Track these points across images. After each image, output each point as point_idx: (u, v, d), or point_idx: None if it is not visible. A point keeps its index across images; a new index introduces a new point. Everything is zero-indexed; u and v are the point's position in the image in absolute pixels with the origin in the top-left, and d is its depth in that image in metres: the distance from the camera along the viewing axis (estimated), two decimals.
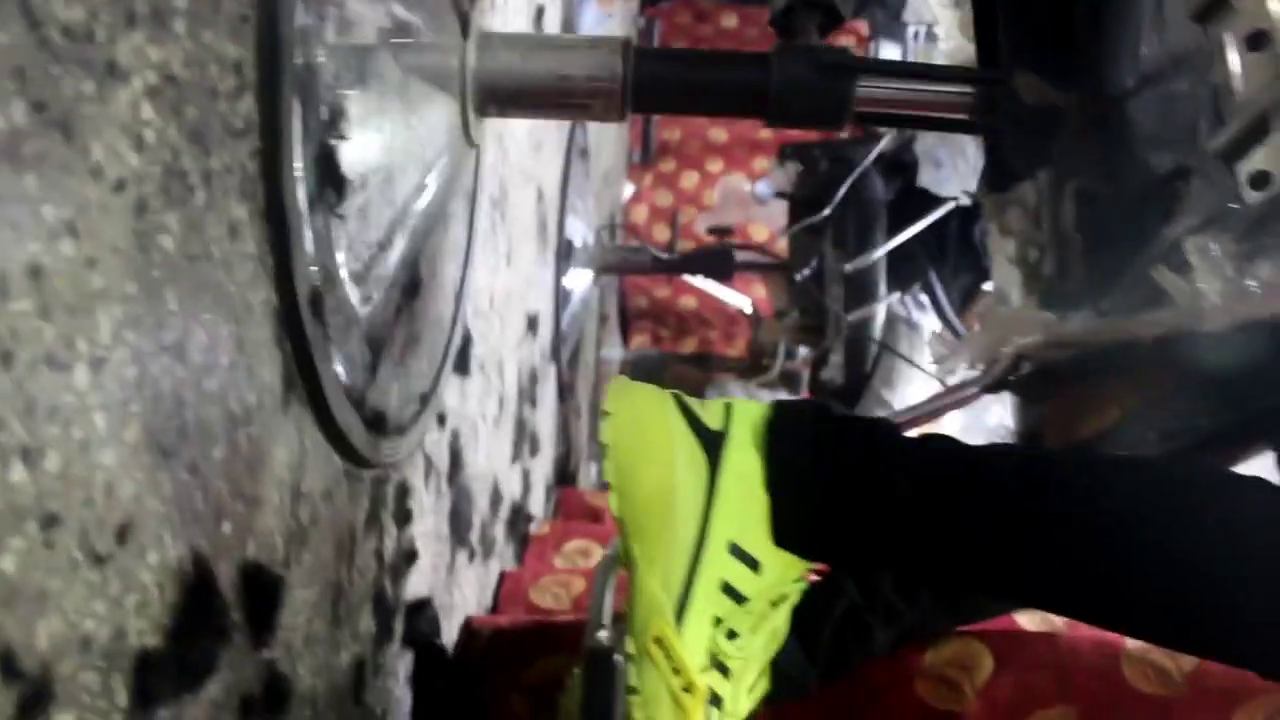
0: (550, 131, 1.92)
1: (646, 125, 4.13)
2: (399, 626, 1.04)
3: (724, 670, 0.72)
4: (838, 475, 0.73)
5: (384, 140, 0.80)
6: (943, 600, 1.05)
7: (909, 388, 2.29)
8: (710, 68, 0.89)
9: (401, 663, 1.06)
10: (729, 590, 0.72)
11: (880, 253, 2.19)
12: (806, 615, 0.96)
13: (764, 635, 0.75)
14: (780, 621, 0.76)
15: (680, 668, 0.70)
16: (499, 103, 0.90)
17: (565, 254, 2.17)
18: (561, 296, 2.11)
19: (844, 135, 2.36)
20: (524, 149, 1.63)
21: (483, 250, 1.36)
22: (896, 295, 2.24)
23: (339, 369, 0.78)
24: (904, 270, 2.21)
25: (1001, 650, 1.15)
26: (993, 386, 0.86)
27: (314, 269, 0.72)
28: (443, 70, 0.85)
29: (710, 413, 0.76)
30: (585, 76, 0.88)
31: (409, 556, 1.07)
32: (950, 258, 2.25)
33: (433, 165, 0.88)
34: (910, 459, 0.74)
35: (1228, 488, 0.71)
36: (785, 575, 0.74)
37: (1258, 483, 0.71)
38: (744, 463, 0.73)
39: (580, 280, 2.35)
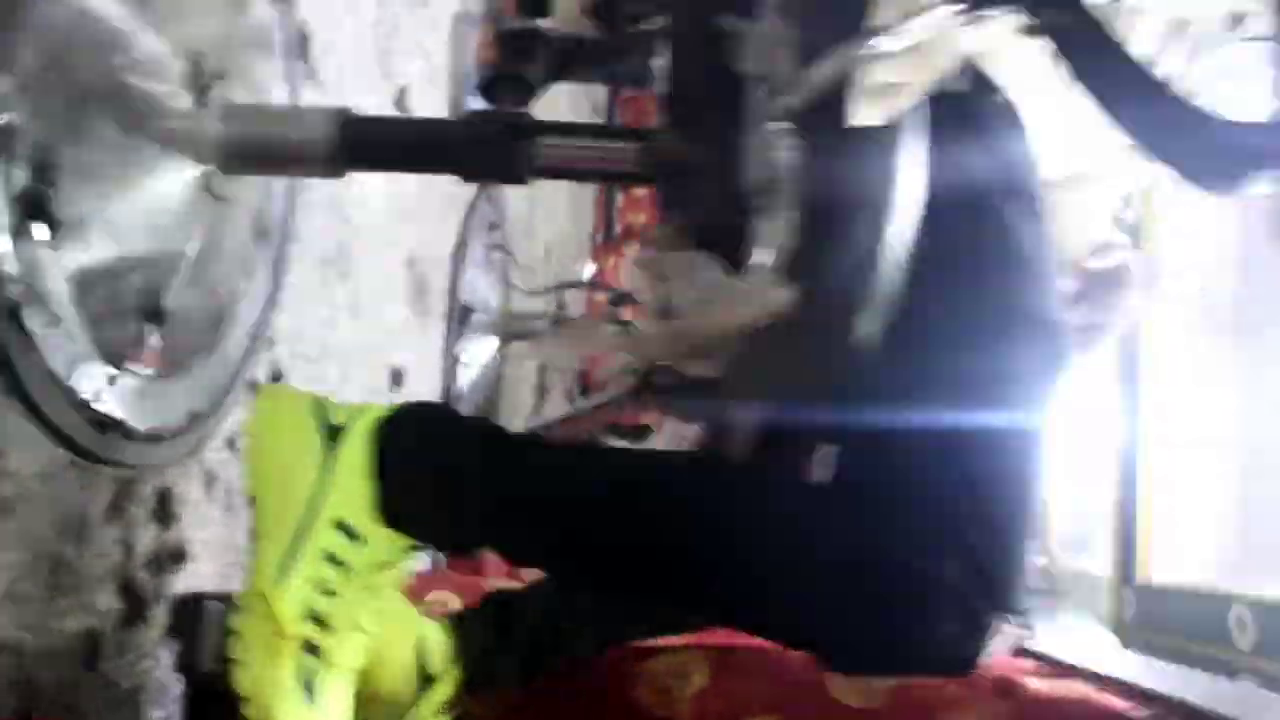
0: (431, 203, 2.11)
1: (609, 207, 4.34)
2: (159, 615, 1.18)
3: (323, 624, 0.86)
4: (433, 465, 0.89)
5: (105, 189, 0.98)
6: (637, 611, 1.18)
7: None
8: (411, 130, 1.07)
9: (167, 650, 1.20)
10: (331, 558, 0.87)
11: None
12: (505, 614, 1.10)
13: (371, 600, 0.89)
14: (393, 597, 0.91)
15: (275, 618, 0.84)
16: (239, 162, 1.08)
17: (461, 318, 2.34)
18: (452, 357, 2.28)
19: None
20: (381, 216, 1.82)
21: (306, 301, 1.53)
22: None
23: (57, 369, 0.95)
24: None
25: (717, 661, 1.27)
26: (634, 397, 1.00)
27: (16, 287, 0.89)
28: (172, 133, 1.03)
29: (340, 412, 0.91)
30: (301, 140, 1.06)
31: (175, 556, 1.22)
32: None
33: (172, 213, 1.06)
34: (504, 454, 0.90)
35: (749, 488, 0.85)
36: (389, 548, 0.89)
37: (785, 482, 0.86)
38: (355, 453, 0.89)
39: (484, 344, 2.52)
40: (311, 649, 0.85)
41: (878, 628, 0.80)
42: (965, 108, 0.82)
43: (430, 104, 1.95)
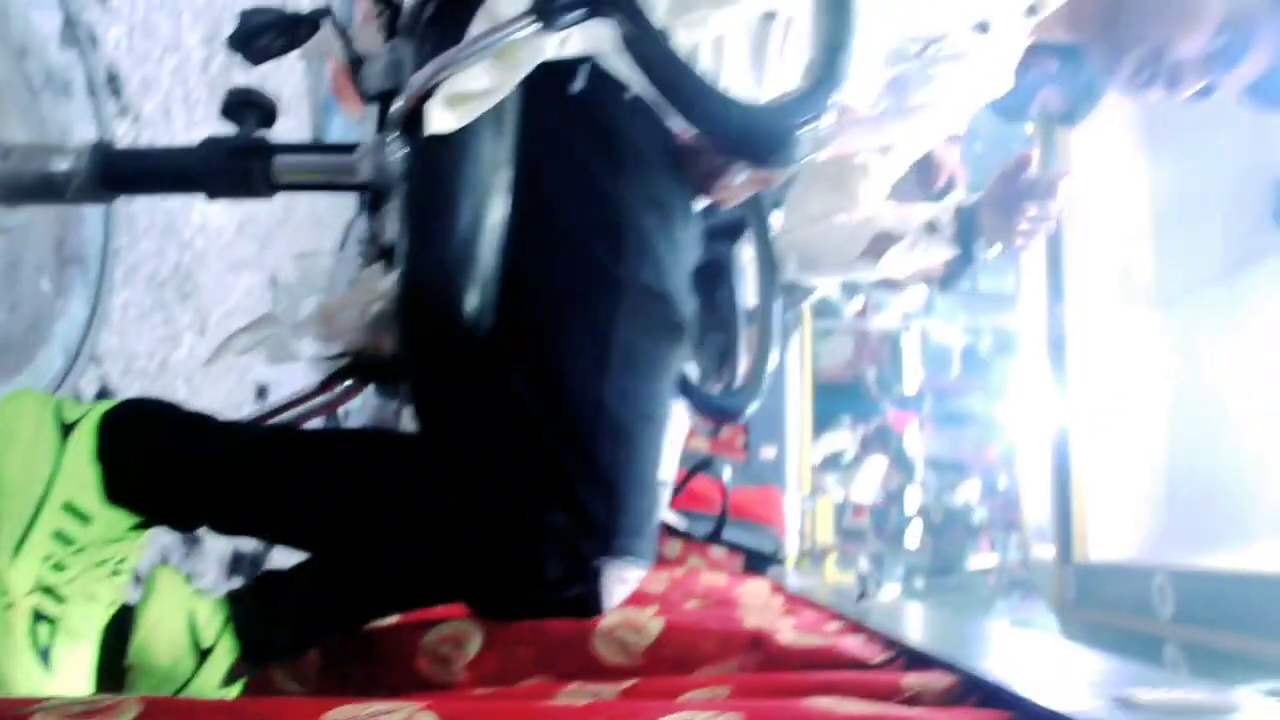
0: (299, 224, 2.23)
1: None
2: None
3: (56, 596, 0.98)
4: (150, 449, 1.01)
5: None
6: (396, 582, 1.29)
7: None
8: (159, 158, 1.19)
9: None
10: (60, 536, 0.99)
11: None
12: (275, 588, 1.22)
13: (103, 574, 1.01)
14: (125, 570, 1.02)
15: (5, 590, 0.96)
16: (10, 195, 1.20)
17: None
18: None
19: None
20: (229, 238, 1.94)
21: (140, 321, 1.65)
22: None
23: None
24: None
25: (490, 629, 1.38)
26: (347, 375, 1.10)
27: None
28: None
29: (74, 410, 1.03)
30: (63, 172, 1.18)
31: None
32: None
33: None
34: (209, 438, 1.02)
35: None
36: (115, 526, 1.01)
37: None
38: (83, 443, 1.00)
39: None
40: (44, 618, 0.97)
41: (497, 574, 0.92)
42: (575, 104, 0.94)
43: (290, 131, 2.08)
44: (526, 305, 0.92)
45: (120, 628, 1.05)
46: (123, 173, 1.19)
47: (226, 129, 1.16)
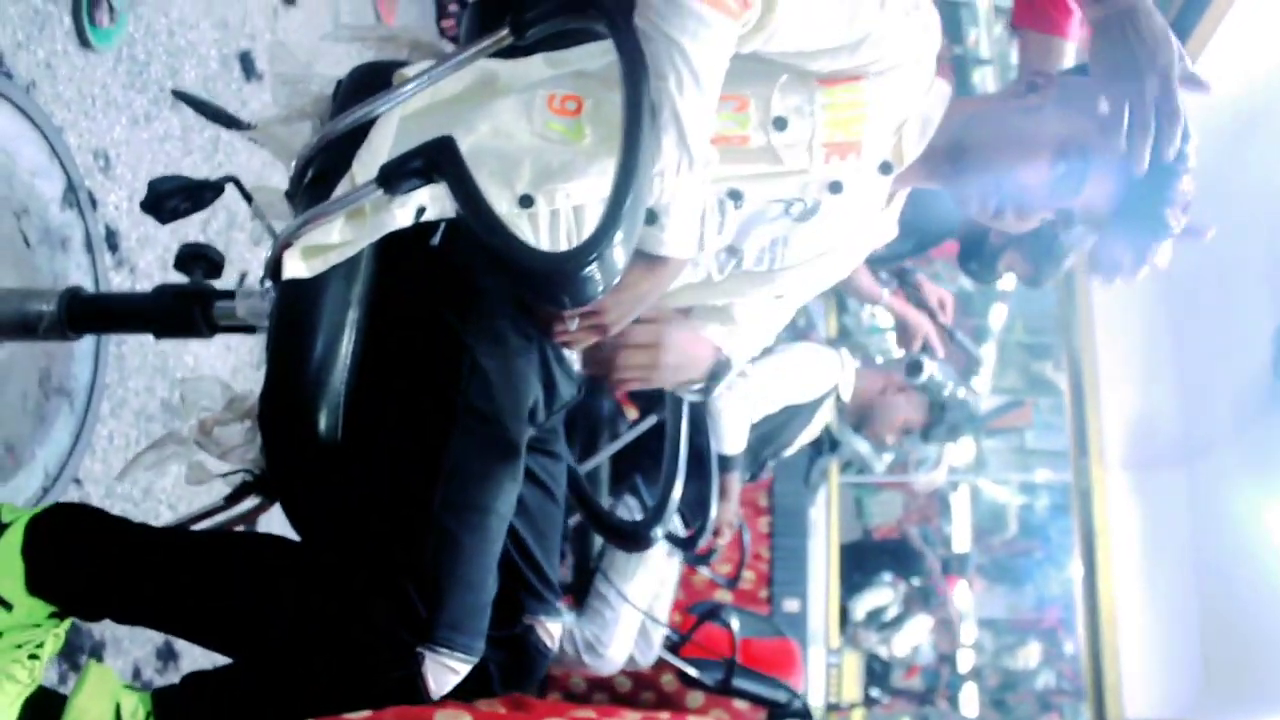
0: None
1: None
2: None
3: None
4: (66, 549, 1.16)
5: None
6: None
7: (629, 583, 2.63)
8: (117, 302, 1.39)
9: None
10: None
11: (602, 458, 2.60)
12: (198, 686, 1.34)
13: (22, 655, 1.15)
14: (44, 654, 1.17)
15: None
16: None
17: None
18: None
19: None
20: (219, 373, 2.14)
21: (125, 451, 1.84)
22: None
23: None
24: (621, 477, 2.61)
25: None
26: None
27: None
28: None
29: (10, 513, 1.20)
30: (37, 313, 1.39)
31: None
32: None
33: None
34: (119, 541, 1.17)
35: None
36: (34, 614, 1.15)
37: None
38: (13, 540, 1.16)
39: None
40: None
41: (331, 666, 1.05)
42: (434, 253, 1.11)
43: None
44: (372, 424, 1.07)
45: (39, 708, 1.19)
46: (86, 315, 1.39)
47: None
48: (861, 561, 6.87)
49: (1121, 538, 4.40)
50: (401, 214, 1.08)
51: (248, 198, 1.17)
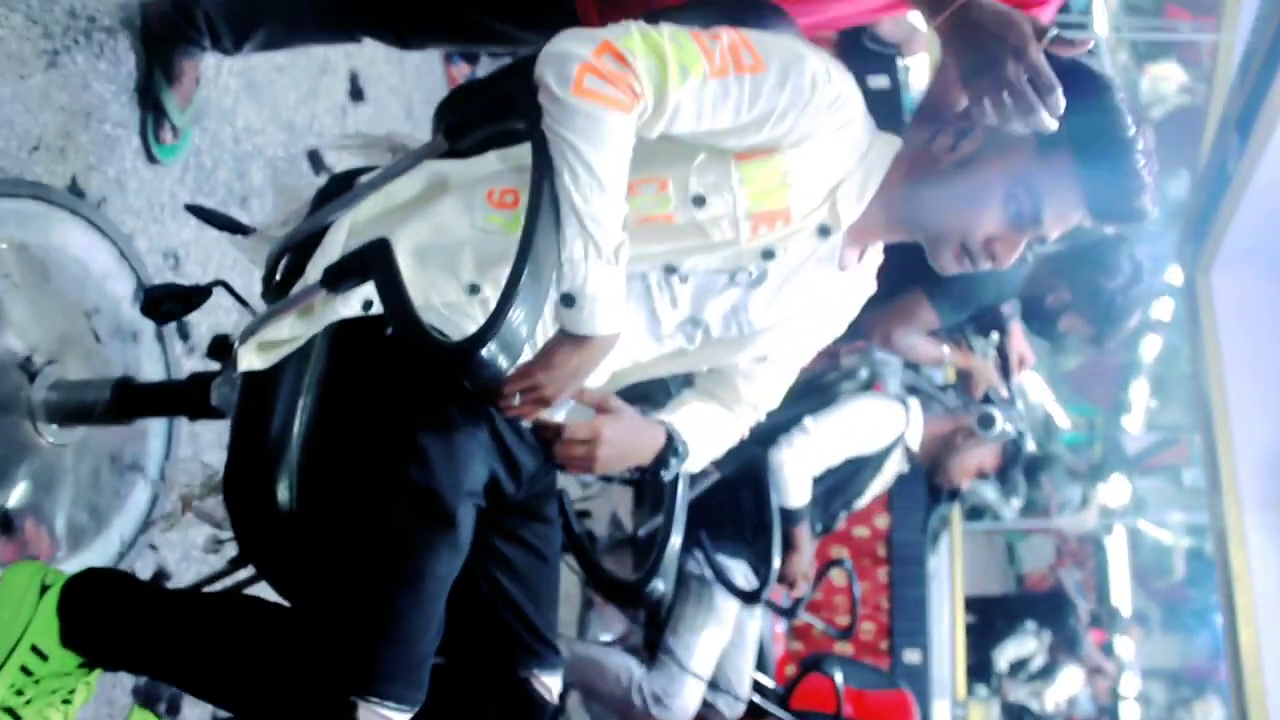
0: None
1: None
2: None
3: (15, 716, 1.31)
4: (96, 609, 1.34)
5: None
6: None
7: (697, 636, 2.70)
8: (156, 389, 1.58)
9: None
10: (25, 670, 1.32)
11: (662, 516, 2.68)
12: None
13: (55, 700, 1.33)
14: (76, 700, 1.34)
15: None
16: (58, 417, 1.62)
17: None
18: None
19: None
20: None
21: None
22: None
23: None
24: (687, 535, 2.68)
25: None
26: None
27: None
28: (8, 398, 1.59)
29: (53, 575, 1.38)
30: (93, 400, 1.59)
31: None
32: (730, 527, 2.71)
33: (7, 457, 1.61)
34: (141, 603, 1.34)
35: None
36: (66, 664, 1.33)
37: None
38: (52, 600, 1.35)
39: None
40: None
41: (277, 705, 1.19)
42: (387, 341, 1.24)
43: None
44: (325, 496, 1.21)
45: None
46: (134, 401, 1.59)
47: None
48: (1006, 610, 6.69)
49: (1264, 583, 4.19)
50: (345, 308, 1.22)
51: (238, 298, 1.34)
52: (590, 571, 1.70)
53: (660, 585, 1.68)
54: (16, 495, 1.64)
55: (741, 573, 2.79)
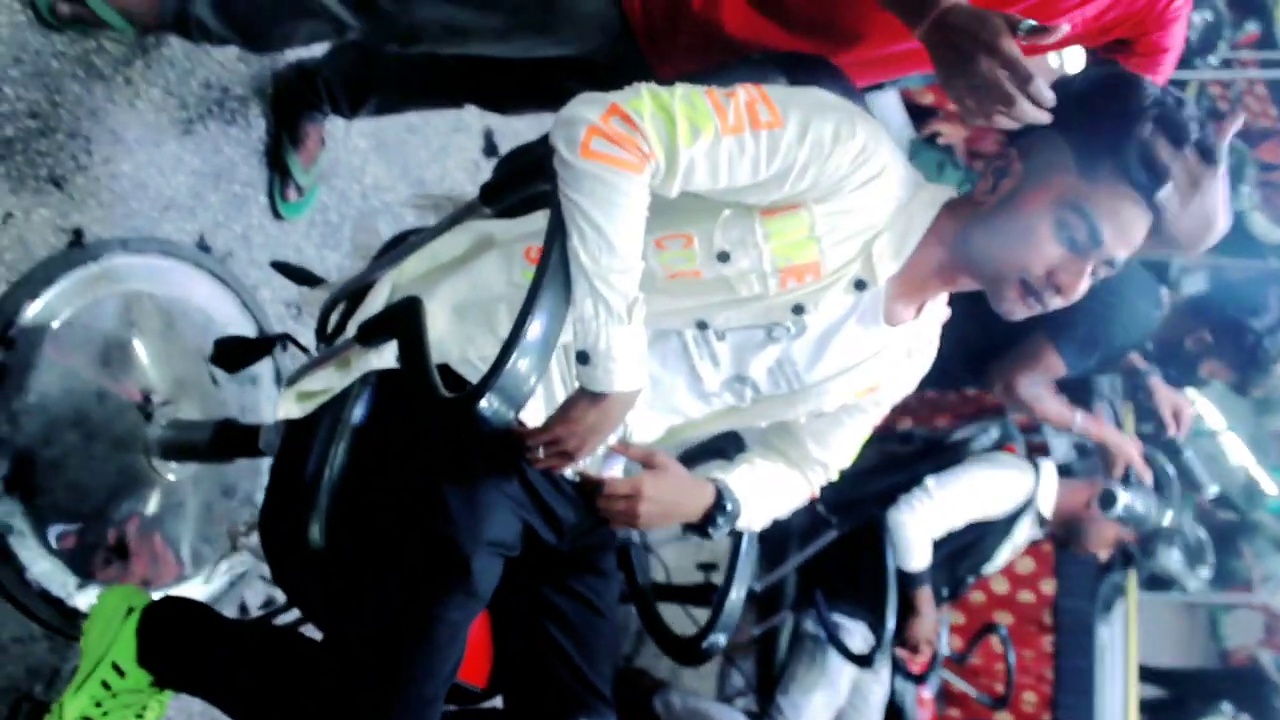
0: None
1: None
2: None
3: None
4: (169, 633, 1.45)
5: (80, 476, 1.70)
6: None
7: (808, 698, 2.64)
8: (252, 431, 1.70)
9: None
10: (104, 685, 1.44)
11: (786, 569, 2.66)
12: None
13: (130, 714, 1.44)
14: (148, 716, 1.46)
15: (62, 715, 1.42)
16: (171, 453, 1.77)
17: None
18: None
19: None
20: None
21: None
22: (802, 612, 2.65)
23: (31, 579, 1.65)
24: (799, 593, 2.64)
25: None
26: None
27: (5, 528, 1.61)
28: (128, 436, 1.75)
29: (139, 599, 1.50)
30: (201, 440, 1.73)
31: None
32: (849, 587, 2.66)
33: (128, 486, 1.76)
34: (210, 632, 1.44)
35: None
36: (141, 681, 1.45)
37: None
38: (132, 622, 1.47)
39: None
40: None
41: None
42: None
43: None
44: (351, 537, 1.27)
45: None
46: (231, 441, 1.72)
47: None
48: (1201, 686, 6.19)
49: None
50: (378, 360, 1.29)
51: (303, 349, 1.44)
52: (649, 625, 1.71)
53: (721, 640, 1.67)
54: (132, 524, 1.79)
55: (860, 634, 2.72)
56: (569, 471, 1.41)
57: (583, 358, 1.21)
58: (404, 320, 1.21)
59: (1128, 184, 1.25)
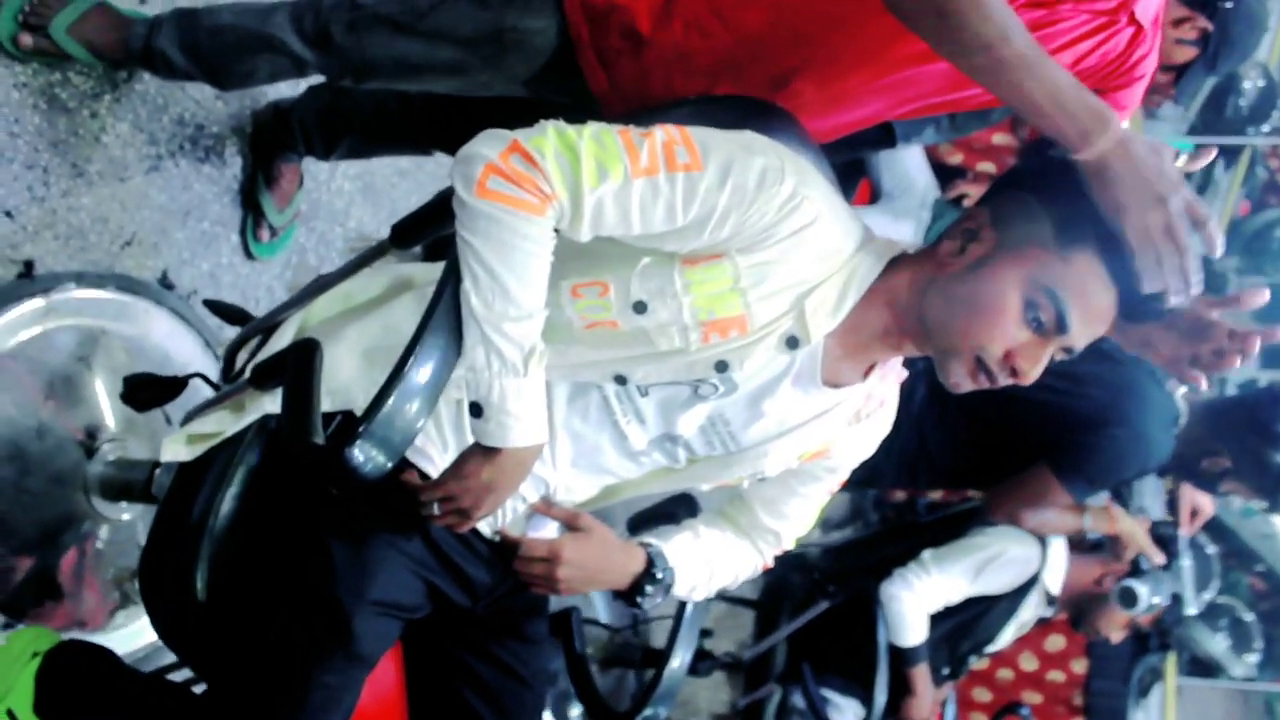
0: None
1: None
2: None
3: None
4: (68, 680, 1.39)
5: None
6: None
7: None
8: None
9: None
10: None
11: (776, 638, 2.55)
12: None
13: None
14: None
15: None
16: (111, 491, 1.73)
17: None
18: None
19: None
20: None
21: None
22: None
23: None
24: (788, 665, 2.53)
25: None
26: None
27: None
28: (68, 474, 1.71)
29: (44, 642, 1.45)
30: (140, 479, 1.69)
31: None
32: (841, 662, 2.54)
33: (61, 524, 1.73)
34: (102, 680, 1.38)
35: None
36: None
37: None
38: (32, 668, 1.41)
39: None
40: None
41: None
42: None
43: None
44: (235, 590, 1.21)
45: None
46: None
47: None
48: None
49: None
50: (272, 404, 1.23)
51: (216, 388, 1.39)
52: (582, 694, 1.62)
53: (661, 713, 1.58)
54: (66, 563, 1.75)
55: (852, 711, 2.59)
56: (486, 530, 1.33)
57: (475, 410, 1.14)
58: (295, 363, 1.15)
59: (1104, 265, 1.17)
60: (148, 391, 1.39)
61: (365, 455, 1.06)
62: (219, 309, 1.49)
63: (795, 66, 1.44)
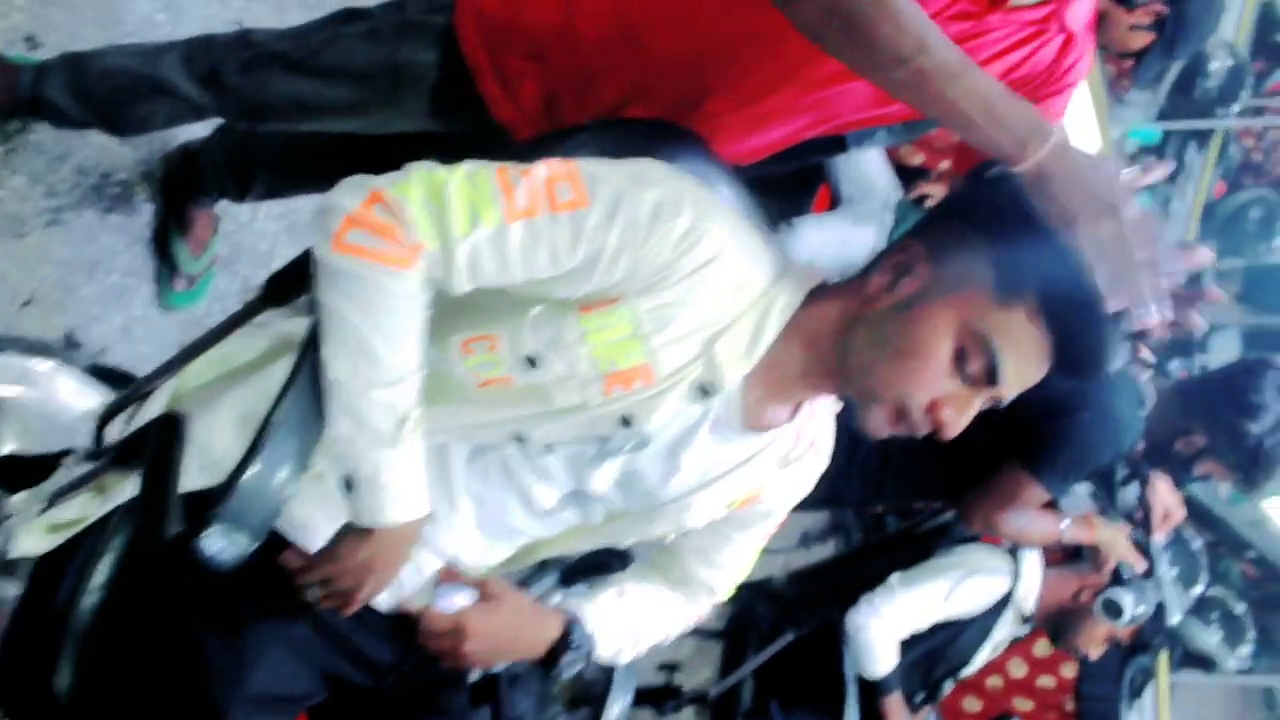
0: None
1: None
2: None
3: None
4: None
5: None
6: None
7: None
8: None
9: None
10: None
11: (742, 673, 2.47)
12: None
13: None
14: None
15: None
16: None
17: None
18: None
19: None
20: None
21: None
22: None
23: None
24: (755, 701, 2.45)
25: None
26: None
27: None
28: None
29: None
30: None
31: None
32: (808, 695, 2.45)
33: None
34: None
35: None
36: None
37: None
38: None
39: None
40: None
41: None
42: None
43: None
44: (101, 687, 1.12)
45: None
46: None
47: None
48: None
49: None
50: (135, 486, 1.14)
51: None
52: None
53: None
54: None
55: None
56: (384, 605, 1.24)
57: (346, 485, 1.05)
58: (155, 440, 1.06)
59: (1045, 318, 1.08)
60: (16, 471, 1.30)
61: (224, 540, 0.98)
62: (105, 374, 1.40)
63: (710, 87, 1.36)
